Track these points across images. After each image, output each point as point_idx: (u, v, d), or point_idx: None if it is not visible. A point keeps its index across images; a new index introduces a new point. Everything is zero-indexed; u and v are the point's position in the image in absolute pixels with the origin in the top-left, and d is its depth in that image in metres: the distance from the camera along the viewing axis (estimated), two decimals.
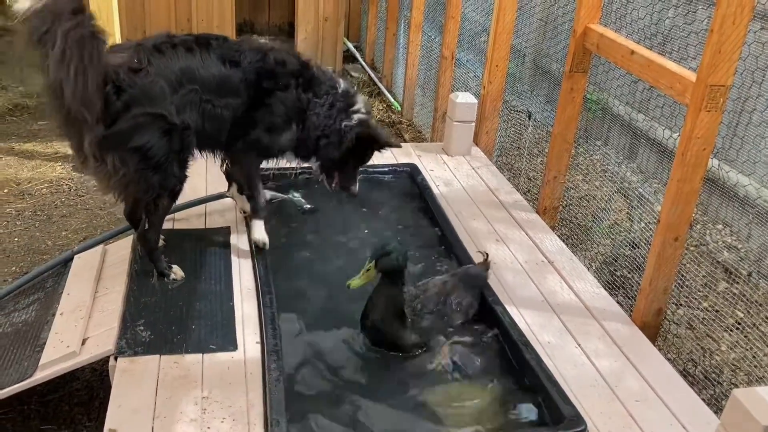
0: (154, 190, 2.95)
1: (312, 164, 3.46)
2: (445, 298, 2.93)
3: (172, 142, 2.90)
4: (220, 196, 3.79)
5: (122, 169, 2.83)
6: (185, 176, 3.07)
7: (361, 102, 3.35)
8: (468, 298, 2.99)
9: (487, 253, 3.30)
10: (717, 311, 3.81)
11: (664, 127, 4.82)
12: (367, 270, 2.71)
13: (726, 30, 2.64)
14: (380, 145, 3.41)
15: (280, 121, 3.22)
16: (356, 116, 3.30)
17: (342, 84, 3.35)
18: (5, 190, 5.14)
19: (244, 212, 3.62)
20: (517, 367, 2.79)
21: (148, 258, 3.16)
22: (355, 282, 2.72)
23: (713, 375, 3.35)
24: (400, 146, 3.80)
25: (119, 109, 2.75)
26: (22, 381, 2.71)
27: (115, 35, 3.72)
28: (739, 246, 4.49)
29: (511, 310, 3.06)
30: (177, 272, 3.15)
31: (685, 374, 3.20)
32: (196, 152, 3.13)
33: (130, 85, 2.76)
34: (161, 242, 3.25)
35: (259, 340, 2.80)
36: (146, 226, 3.09)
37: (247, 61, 3.10)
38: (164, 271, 3.14)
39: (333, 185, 3.47)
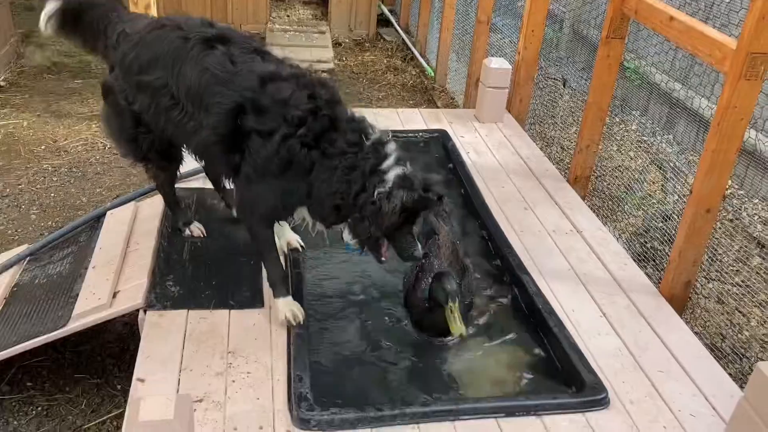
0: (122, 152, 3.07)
1: (345, 237, 2.64)
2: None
3: (123, 119, 2.87)
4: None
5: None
6: (145, 154, 2.96)
7: (393, 152, 2.48)
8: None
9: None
10: (749, 286, 3.74)
11: (701, 96, 4.69)
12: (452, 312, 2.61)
13: None
14: (431, 210, 2.58)
15: (257, 175, 2.55)
16: (390, 175, 2.43)
17: (372, 135, 2.50)
18: (42, 147, 5.24)
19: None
20: (540, 334, 2.80)
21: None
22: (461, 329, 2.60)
23: (741, 350, 3.31)
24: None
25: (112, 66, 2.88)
26: (56, 330, 2.80)
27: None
28: None
29: (537, 278, 3.05)
30: (193, 230, 3.23)
31: (712, 348, 3.16)
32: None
33: (114, 46, 2.82)
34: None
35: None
36: None
37: (236, 85, 2.54)
38: (179, 226, 3.24)
39: (383, 258, 2.60)
